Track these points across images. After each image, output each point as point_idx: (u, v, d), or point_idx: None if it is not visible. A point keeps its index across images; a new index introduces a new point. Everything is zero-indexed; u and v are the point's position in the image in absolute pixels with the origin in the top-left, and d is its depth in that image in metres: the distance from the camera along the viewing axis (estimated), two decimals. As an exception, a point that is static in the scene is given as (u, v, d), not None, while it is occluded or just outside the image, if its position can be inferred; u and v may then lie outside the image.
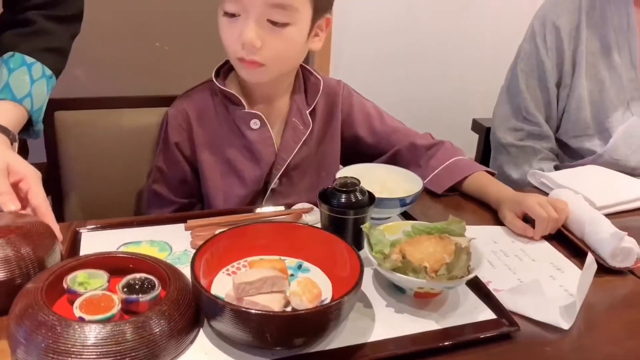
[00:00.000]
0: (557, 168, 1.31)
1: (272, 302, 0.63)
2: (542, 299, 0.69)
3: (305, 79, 1.06)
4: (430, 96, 2.31)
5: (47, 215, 0.75)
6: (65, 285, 0.63)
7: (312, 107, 1.04)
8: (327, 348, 0.63)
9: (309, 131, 1.04)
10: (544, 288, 0.70)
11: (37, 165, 0.79)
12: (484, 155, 1.54)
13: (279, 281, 0.65)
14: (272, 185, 1.03)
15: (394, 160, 1.07)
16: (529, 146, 1.33)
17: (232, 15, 0.89)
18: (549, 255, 0.86)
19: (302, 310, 0.62)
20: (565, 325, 0.68)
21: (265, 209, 0.92)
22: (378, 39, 2.17)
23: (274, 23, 0.88)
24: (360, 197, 0.77)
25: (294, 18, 0.89)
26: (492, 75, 1.97)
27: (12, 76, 0.85)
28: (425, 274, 0.66)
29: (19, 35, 0.89)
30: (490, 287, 0.74)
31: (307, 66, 1.07)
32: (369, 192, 0.79)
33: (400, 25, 2.17)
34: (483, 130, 1.55)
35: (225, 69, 1.03)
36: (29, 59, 0.88)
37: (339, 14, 2.05)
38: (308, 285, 0.65)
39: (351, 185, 0.77)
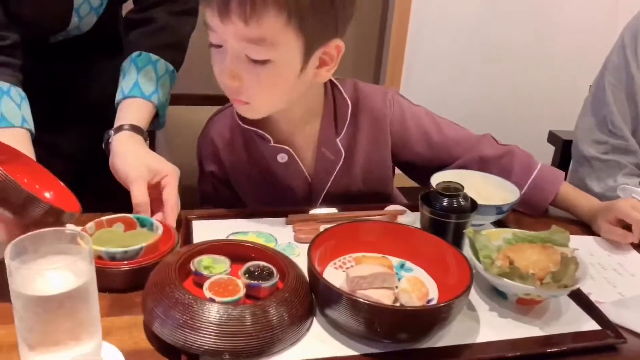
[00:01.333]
0: (642, 184, 1.28)
1: (382, 297, 0.66)
2: (649, 314, 0.70)
3: (335, 99, 0.95)
4: (505, 99, 2.28)
5: (170, 210, 0.83)
6: (192, 268, 0.68)
7: (341, 135, 0.95)
8: (435, 346, 0.65)
9: (341, 161, 0.96)
10: (650, 303, 0.70)
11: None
12: (560, 168, 1.51)
13: (389, 278, 0.68)
14: (318, 205, 0.98)
15: None
16: (614, 160, 1.30)
17: (218, 46, 0.80)
18: (648, 271, 0.85)
19: (414, 307, 0.64)
20: (673, 342, 0.68)
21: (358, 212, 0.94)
22: (456, 36, 2.14)
23: (252, 59, 0.78)
24: (462, 203, 0.79)
25: (275, 54, 0.77)
26: (570, 87, 1.95)
27: (140, 74, 0.93)
28: (534, 281, 0.68)
29: (143, 34, 0.98)
30: (591, 298, 0.74)
31: (338, 84, 0.96)
32: (471, 198, 0.80)
33: (480, 26, 2.15)
34: (560, 142, 1.52)
35: None
36: (153, 57, 0.96)
37: (418, 7, 2.03)
38: (417, 284, 0.68)
39: (454, 190, 0.79)
